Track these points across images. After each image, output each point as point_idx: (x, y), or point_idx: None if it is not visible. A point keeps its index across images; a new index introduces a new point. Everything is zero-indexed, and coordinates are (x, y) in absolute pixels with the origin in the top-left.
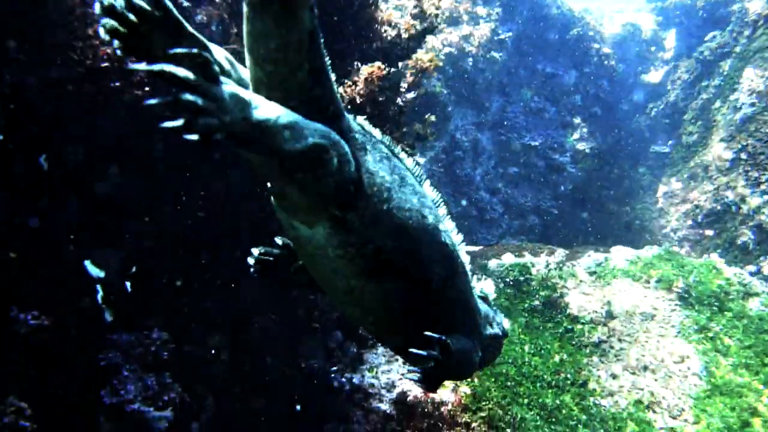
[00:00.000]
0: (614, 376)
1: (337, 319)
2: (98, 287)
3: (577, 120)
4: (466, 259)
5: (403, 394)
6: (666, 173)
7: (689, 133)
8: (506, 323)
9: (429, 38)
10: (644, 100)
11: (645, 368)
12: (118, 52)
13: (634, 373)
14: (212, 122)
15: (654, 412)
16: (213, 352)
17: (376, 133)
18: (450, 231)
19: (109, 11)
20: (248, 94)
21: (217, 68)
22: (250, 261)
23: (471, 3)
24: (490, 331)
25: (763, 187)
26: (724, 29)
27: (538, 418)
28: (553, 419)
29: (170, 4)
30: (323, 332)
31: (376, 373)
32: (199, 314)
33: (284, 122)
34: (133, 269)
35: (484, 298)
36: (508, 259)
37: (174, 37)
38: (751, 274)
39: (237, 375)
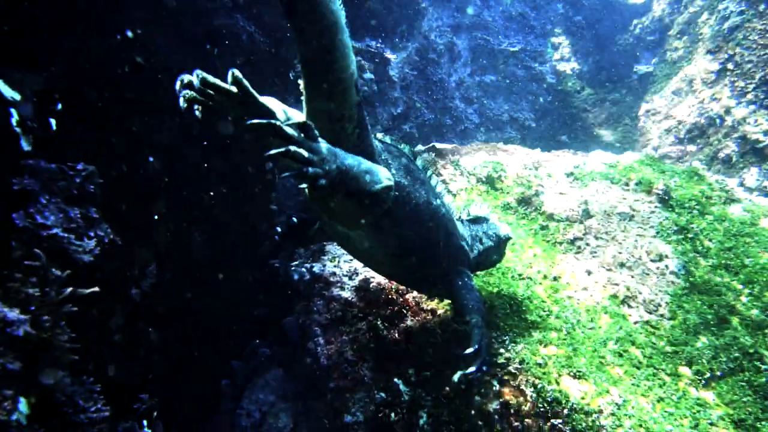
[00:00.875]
0: (589, 272)
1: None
2: (12, 110)
3: (559, 30)
4: (453, 206)
5: (366, 281)
6: (649, 91)
7: (674, 49)
8: (504, 229)
9: None
10: (628, 16)
11: (621, 265)
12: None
13: (609, 270)
14: (318, 171)
15: (629, 306)
16: (156, 218)
17: (390, 142)
18: (445, 199)
19: (189, 86)
20: (336, 148)
21: (315, 131)
22: (278, 229)
23: None
24: (480, 247)
25: (749, 96)
26: None
27: (507, 306)
28: (524, 308)
29: (247, 84)
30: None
31: (338, 262)
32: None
33: (364, 168)
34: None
35: (476, 220)
36: (482, 157)
37: (245, 107)
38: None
39: (183, 245)
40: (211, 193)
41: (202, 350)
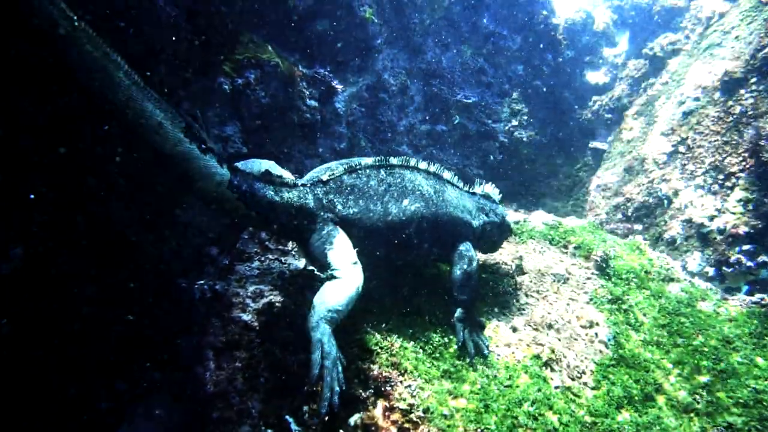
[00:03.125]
0: (514, 329)
1: (213, 238)
2: None
3: (516, 95)
4: (454, 194)
5: (270, 305)
6: (602, 167)
7: (630, 129)
8: (510, 216)
9: None
10: (589, 92)
11: (549, 326)
12: None
13: (536, 329)
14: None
15: (552, 369)
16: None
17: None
18: (422, 185)
19: None
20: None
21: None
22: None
23: None
24: (485, 219)
25: (698, 180)
26: (677, 32)
27: (420, 350)
28: (438, 355)
29: None
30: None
31: (244, 283)
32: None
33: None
34: None
35: (486, 196)
36: None
37: None
38: None
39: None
40: (109, 183)
41: (73, 363)
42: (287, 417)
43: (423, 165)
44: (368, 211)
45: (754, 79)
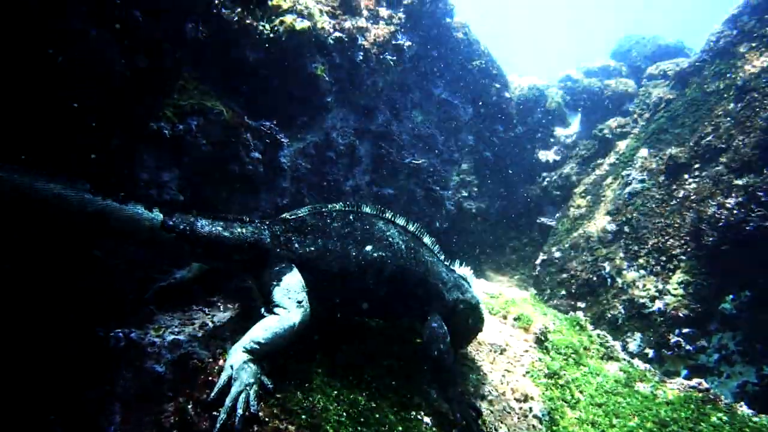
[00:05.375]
0: (446, 399)
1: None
2: None
3: (467, 166)
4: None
5: (187, 356)
6: (548, 243)
7: (578, 206)
8: (479, 297)
9: (318, 15)
10: (540, 169)
11: (482, 397)
12: None
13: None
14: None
15: None
16: None
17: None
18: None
19: None
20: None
21: None
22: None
23: (375, 0)
24: (459, 296)
25: (640, 261)
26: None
27: (344, 414)
28: (362, 419)
29: None
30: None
31: (163, 332)
32: None
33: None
34: None
35: (462, 277)
36: None
37: None
38: None
39: None
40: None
41: None
42: None
43: (401, 221)
44: (326, 250)
45: (697, 165)
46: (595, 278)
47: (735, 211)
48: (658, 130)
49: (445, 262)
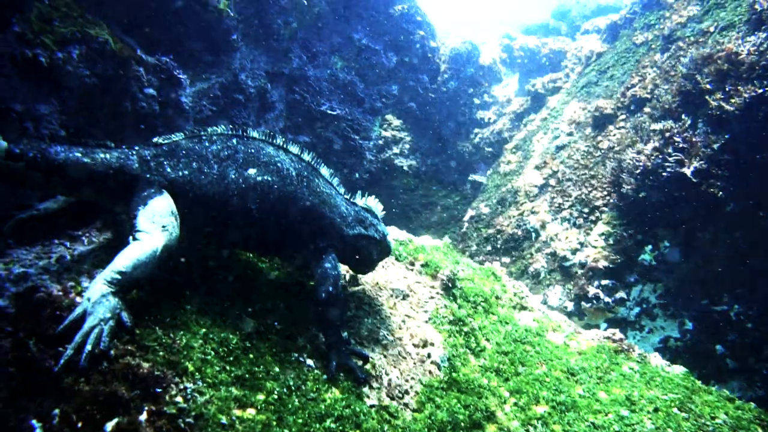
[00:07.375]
0: None
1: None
2: None
3: (392, 117)
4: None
5: (33, 290)
6: (477, 199)
7: (508, 162)
8: (389, 233)
9: None
10: (475, 126)
11: (376, 341)
12: None
13: (360, 343)
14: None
15: (370, 386)
16: None
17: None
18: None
19: None
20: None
21: None
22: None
23: None
24: (361, 231)
25: (564, 213)
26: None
27: (212, 352)
28: (232, 359)
29: None
30: None
31: (12, 265)
32: None
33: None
34: None
35: (368, 209)
36: None
37: None
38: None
39: None
40: None
41: None
42: (33, 422)
43: (295, 149)
44: (200, 173)
45: (623, 116)
46: (520, 233)
47: (652, 157)
48: (588, 84)
49: (346, 195)
